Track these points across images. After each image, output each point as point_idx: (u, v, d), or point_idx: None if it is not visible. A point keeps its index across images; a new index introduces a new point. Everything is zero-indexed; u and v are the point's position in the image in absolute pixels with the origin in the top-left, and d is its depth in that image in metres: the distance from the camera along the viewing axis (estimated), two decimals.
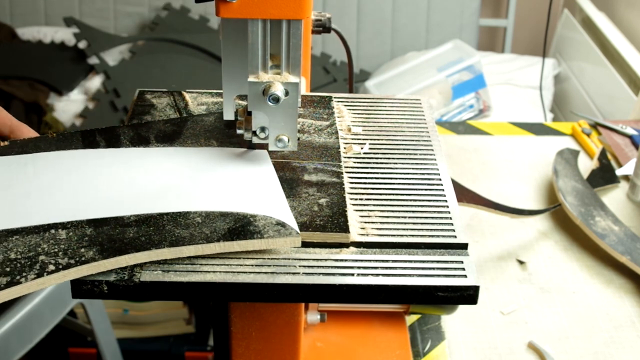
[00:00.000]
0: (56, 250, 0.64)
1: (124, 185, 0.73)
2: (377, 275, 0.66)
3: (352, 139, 0.85)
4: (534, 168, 1.37)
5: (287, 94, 0.72)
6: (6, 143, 0.79)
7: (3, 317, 1.35)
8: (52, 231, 0.66)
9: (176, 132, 0.83)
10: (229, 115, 0.80)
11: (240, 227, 0.67)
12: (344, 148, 0.83)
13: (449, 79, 2.34)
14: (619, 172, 1.33)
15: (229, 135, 0.82)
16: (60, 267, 0.63)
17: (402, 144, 0.85)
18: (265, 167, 0.77)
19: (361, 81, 2.57)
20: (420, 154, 0.84)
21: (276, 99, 0.71)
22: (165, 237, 0.66)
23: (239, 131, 0.77)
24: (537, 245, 1.17)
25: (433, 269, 0.67)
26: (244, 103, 0.79)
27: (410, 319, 1.03)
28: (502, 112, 2.37)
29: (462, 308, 1.02)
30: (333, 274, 0.65)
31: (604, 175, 1.31)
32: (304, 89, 0.92)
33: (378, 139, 0.85)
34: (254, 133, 0.75)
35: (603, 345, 0.99)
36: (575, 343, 1.00)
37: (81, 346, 1.98)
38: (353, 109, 0.91)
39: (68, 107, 2.38)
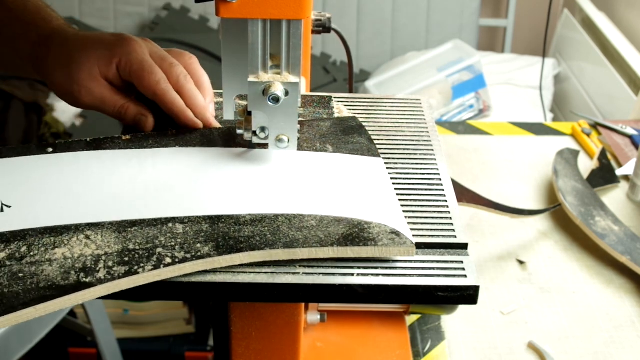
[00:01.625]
0: (173, 243, 0.65)
1: (240, 184, 0.73)
2: (377, 275, 0.66)
3: None
4: (534, 168, 1.37)
5: (287, 94, 0.72)
6: (128, 137, 0.80)
7: None
8: (170, 225, 0.67)
9: None
10: (229, 115, 0.80)
11: (355, 233, 0.67)
12: None
13: (449, 79, 2.34)
14: (619, 172, 1.33)
15: (345, 141, 0.81)
16: (177, 260, 0.63)
17: (402, 144, 0.85)
18: (381, 174, 0.77)
19: (361, 81, 2.57)
20: (420, 154, 0.83)
21: (276, 99, 0.71)
22: (280, 238, 0.66)
23: (239, 131, 0.77)
24: (537, 245, 1.17)
25: (433, 269, 0.67)
26: (244, 103, 0.79)
27: (410, 319, 1.03)
28: (502, 112, 2.37)
29: (462, 308, 1.02)
30: (333, 274, 0.65)
31: (604, 175, 1.31)
32: (304, 89, 0.92)
33: (378, 139, 0.85)
34: (254, 133, 0.75)
35: (603, 345, 0.99)
36: (575, 343, 1.00)
37: (81, 346, 1.98)
38: (353, 109, 0.91)
39: (68, 107, 2.37)
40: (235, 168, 0.76)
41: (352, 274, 0.65)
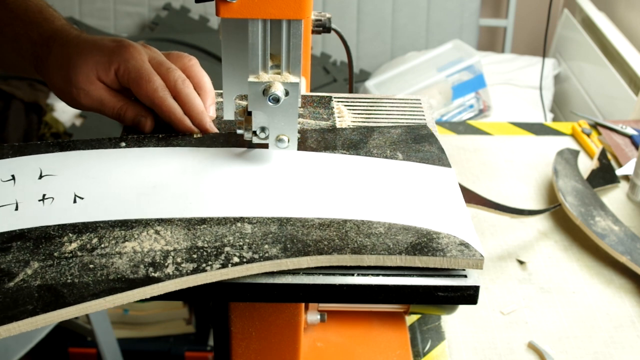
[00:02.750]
0: (241, 243, 0.66)
1: (308, 187, 0.74)
2: (377, 275, 0.66)
3: None
4: (534, 168, 1.37)
5: (287, 94, 0.72)
6: (199, 135, 0.81)
7: None
8: (239, 224, 0.68)
9: (362, 141, 0.83)
10: (229, 115, 0.80)
11: (423, 242, 0.67)
12: None
13: (449, 79, 2.34)
14: (619, 172, 1.33)
15: (415, 149, 0.81)
16: (244, 260, 0.64)
17: None
18: (451, 184, 0.76)
19: (361, 81, 2.57)
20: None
21: (276, 99, 0.71)
22: (348, 244, 0.66)
23: (239, 131, 0.77)
24: (537, 245, 1.17)
25: (433, 269, 0.67)
26: (244, 103, 0.79)
27: (410, 319, 1.03)
28: (502, 112, 2.37)
29: (462, 308, 1.02)
30: (333, 274, 0.65)
31: (604, 175, 1.31)
32: (304, 89, 0.92)
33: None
34: (254, 133, 0.75)
35: (603, 345, 0.99)
36: (575, 343, 1.00)
37: (81, 346, 1.98)
38: (353, 109, 0.91)
39: (68, 107, 2.37)
40: (302, 170, 0.76)
41: (352, 274, 0.65)
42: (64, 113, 2.36)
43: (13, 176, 0.75)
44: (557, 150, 1.34)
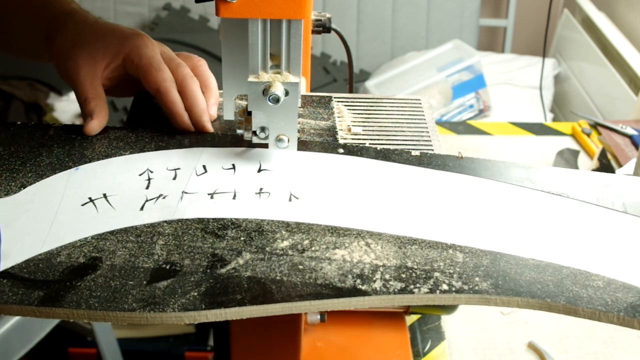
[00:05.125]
0: (451, 271, 0.64)
1: (519, 223, 0.71)
2: None
3: (352, 139, 0.85)
4: None
5: (287, 94, 0.72)
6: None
7: (3, 317, 1.35)
8: (450, 251, 0.66)
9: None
10: (229, 115, 0.80)
11: None
12: None
13: (449, 79, 2.34)
14: (619, 172, 1.33)
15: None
16: (454, 289, 0.62)
17: (402, 144, 0.85)
18: None
19: (361, 81, 2.57)
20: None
21: (276, 99, 0.71)
22: (563, 292, 0.63)
23: (239, 131, 0.77)
24: None
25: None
26: (244, 103, 0.79)
27: (410, 319, 1.03)
28: (502, 112, 2.37)
29: (462, 308, 1.02)
30: None
31: None
32: (304, 89, 0.92)
33: (378, 139, 0.85)
34: (254, 133, 0.75)
35: (603, 345, 0.99)
36: (575, 343, 1.00)
37: (81, 346, 1.98)
38: (353, 109, 0.91)
39: (68, 107, 2.38)
40: (507, 202, 0.73)
41: None
42: (64, 113, 2.36)
43: (233, 165, 0.76)
44: (557, 150, 1.35)
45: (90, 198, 0.72)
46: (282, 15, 0.69)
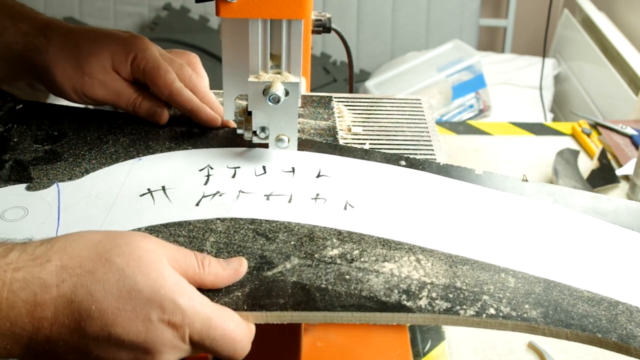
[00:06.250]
0: (501, 296, 0.62)
1: (573, 251, 0.68)
2: None
3: (352, 139, 0.85)
4: (534, 168, 1.37)
5: (287, 94, 0.72)
6: (481, 172, 0.77)
7: None
8: (502, 275, 0.64)
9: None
10: (229, 115, 0.80)
11: None
12: None
13: (449, 79, 2.34)
14: (619, 172, 1.33)
15: None
16: (501, 315, 0.60)
17: (402, 144, 0.85)
18: None
19: (361, 81, 2.57)
20: (420, 154, 0.83)
21: (276, 99, 0.71)
22: (616, 328, 0.60)
23: (239, 131, 0.77)
24: None
25: None
26: (244, 103, 0.79)
27: None
28: (502, 112, 2.37)
29: None
30: None
31: (604, 175, 1.31)
32: (304, 89, 0.92)
33: (378, 139, 0.85)
34: (254, 133, 0.75)
35: None
36: (575, 343, 1.00)
37: None
38: (353, 109, 0.91)
39: None
40: (564, 230, 0.71)
41: None
42: None
43: (293, 168, 0.76)
44: (557, 150, 1.35)
45: (149, 189, 0.72)
46: (282, 15, 0.69)
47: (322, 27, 0.97)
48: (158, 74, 0.79)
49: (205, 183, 0.73)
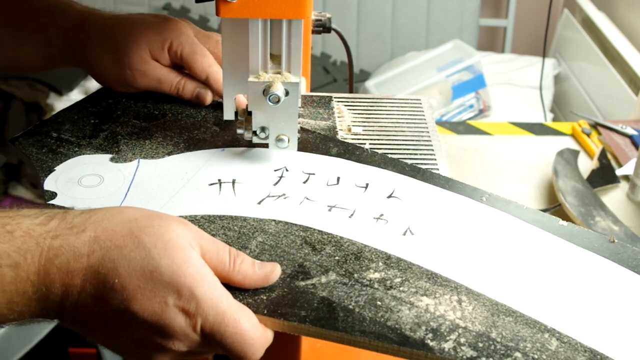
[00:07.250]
0: (536, 357, 0.56)
1: (620, 320, 0.61)
2: None
3: (353, 139, 0.85)
4: (534, 168, 1.37)
5: (287, 94, 0.72)
6: (564, 224, 0.72)
7: None
8: (545, 335, 0.58)
9: None
10: (229, 115, 0.80)
11: None
12: None
13: (449, 79, 2.34)
14: (619, 172, 1.33)
15: None
16: None
17: (402, 144, 0.85)
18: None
19: (361, 81, 2.57)
20: (420, 154, 0.84)
21: (276, 99, 0.71)
22: None
23: (239, 131, 0.77)
24: None
25: None
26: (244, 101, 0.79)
27: None
28: (502, 112, 2.37)
29: None
30: None
31: (604, 175, 1.31)
32: (304, 89, 0.92)
33: (378, 139, 0.85)
34: (254, 133, 0.75)
35: None
36: None
37: (81, 346, 1.98)
38: (353, 109, 0.91)
39: None
40: (627, 295, 0.64)
41: None
42: None
43: (367, 184, 0.75)
44: (557, 150, 1.34)
45: (219, 180, 0.73)
46: (282, 15, 0.69)
47: (322, 27, 0.97)
48: (195, 59, 0.81)
49: (276, 184, 0.74)
